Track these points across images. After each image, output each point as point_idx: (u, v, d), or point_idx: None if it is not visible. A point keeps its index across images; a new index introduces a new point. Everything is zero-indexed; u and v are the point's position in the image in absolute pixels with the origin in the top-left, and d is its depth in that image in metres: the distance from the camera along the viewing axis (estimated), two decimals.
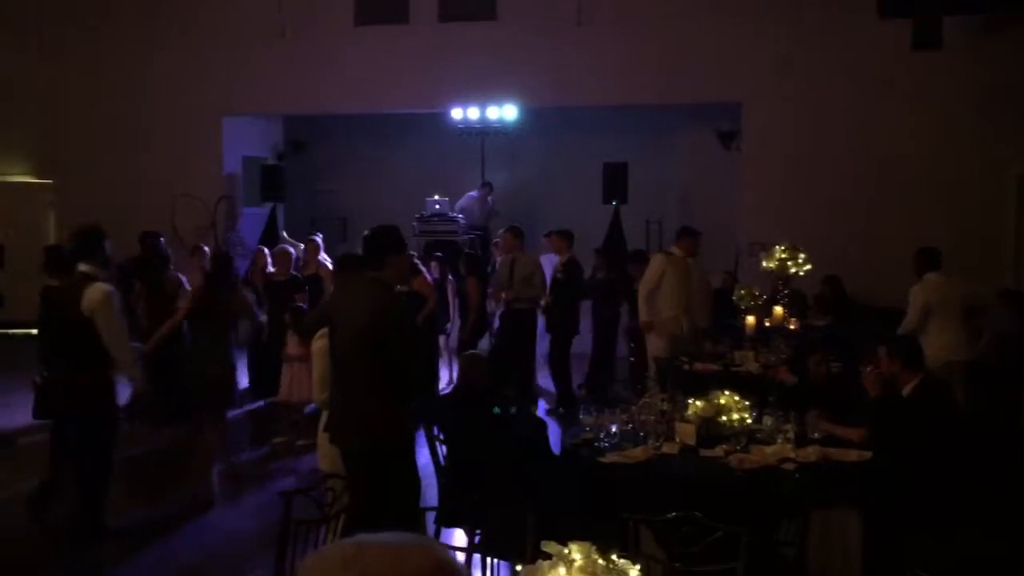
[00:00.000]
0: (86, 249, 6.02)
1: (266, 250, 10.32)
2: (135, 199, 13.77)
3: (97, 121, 14.62)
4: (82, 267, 5.93)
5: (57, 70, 14.64)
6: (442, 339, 10.49)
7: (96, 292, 5.79)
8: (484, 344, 10.66)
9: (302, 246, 10.52)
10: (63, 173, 14.80)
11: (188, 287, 8.36)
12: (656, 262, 8.70)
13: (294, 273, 9.64)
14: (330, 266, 9.68)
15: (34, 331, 6.67)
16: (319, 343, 4.93)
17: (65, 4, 14.60)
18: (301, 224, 13.98)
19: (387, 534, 1.26)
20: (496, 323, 10.43)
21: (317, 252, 10.08)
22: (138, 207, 13.27)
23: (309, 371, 6.07)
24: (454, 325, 10.68)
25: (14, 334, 13.10)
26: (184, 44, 14.27)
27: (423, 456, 5.07)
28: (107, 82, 14.53)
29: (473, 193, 14.49)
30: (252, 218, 14.88)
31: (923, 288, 7.76)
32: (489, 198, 14.60)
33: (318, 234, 11.05)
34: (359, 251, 5.09)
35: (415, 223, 13.85)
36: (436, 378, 9.44)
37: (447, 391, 9.49)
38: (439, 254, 11.05)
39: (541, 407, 9.73)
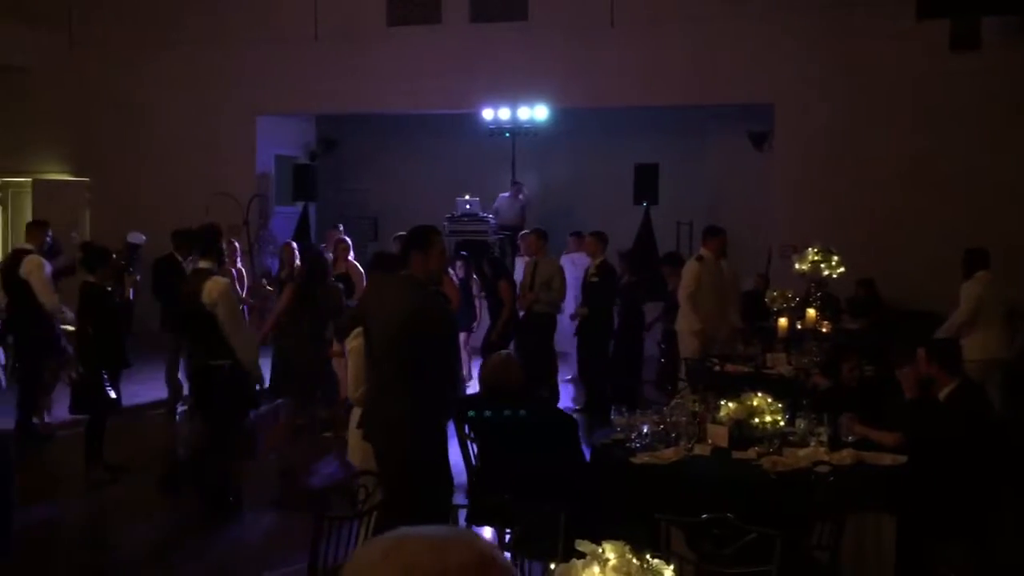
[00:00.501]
0: (205, 245, 6.51)
1: (295, 245, 10.43)
2: (169, 197, 13.93)
3: (132, 119, 14.79)
4: (201, 263, 6.44)
5: (92, 67, 14.83)
6: (462, 336, 10.50)
7: (217, 285, 6.22)
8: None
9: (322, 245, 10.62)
10: (98, 170, 14.99)
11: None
12: (691, 270, 8.69)
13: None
14: (359, 266, 9.74)
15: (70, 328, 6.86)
16: (355, 342, 4.95)
17: (97, 3, 14.80)
18: (332, 222, 14.05)
19: (430, 527, 1.26)
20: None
21: (347, 252, 10.11)
22: (172, 205, 13.42)
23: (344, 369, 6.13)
24: (480, 324, 10.69)
25: None
26: (219, 43, 14.41)
27: (453, 454, 5.08)
28: (141, 80, 14.69)
29: (505, 194, 14.53)
30: (284, 217, 15.00)
31: (977, 284, 7.97)
32: (520, 195, 14.58)
33: (339, 226, 11.18)
34: (391, 250, 5.12)
35: (445, 223, 13.88)
36: (460, 377, 9.48)
37: (473, 391, 9.51)
38: (464, 253, 11.07)
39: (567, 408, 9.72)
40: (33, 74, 14.94)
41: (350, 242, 10.41)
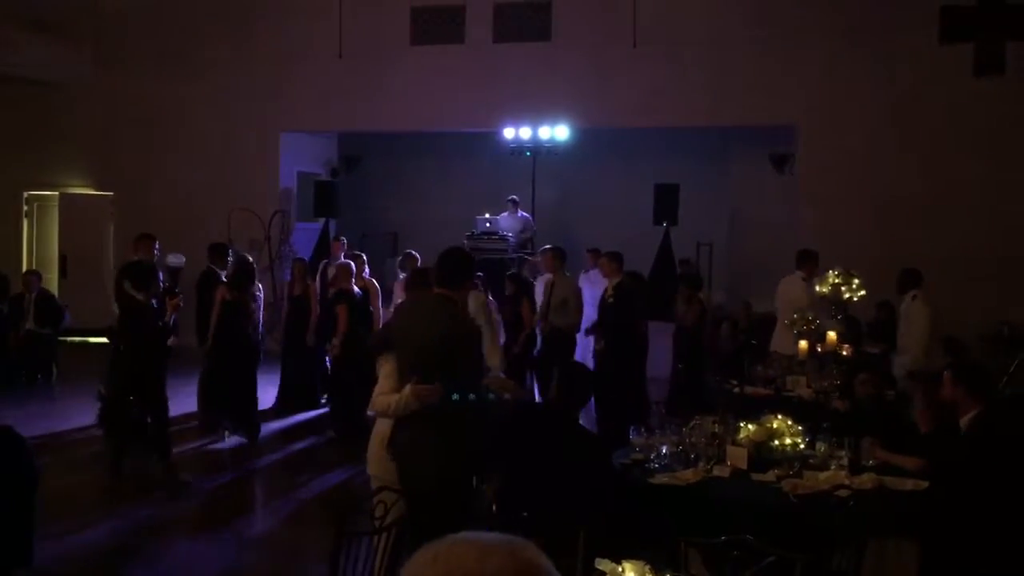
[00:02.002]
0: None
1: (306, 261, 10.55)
2: (192, 212, 14.06)
3: (155, 134, 14.97)
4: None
5: (117, 84, 15.03)
6: None
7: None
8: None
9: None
10: (122, 186, 15.16)
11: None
12: (798, 288, 8.68)
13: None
14: (375, 281, 9.77)
15: (101, 339, 6.94)
16: (388, 365, 4.90)
17: (125, 20, 15.00)
18: (352, 239, 14.12)
19: (487, 534, 1.29)
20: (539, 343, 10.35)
21: (363, 268, 10.08)
22: (195, 220, 13.55)
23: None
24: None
25: (74, 342, 13.42)
26: (244, 61, 14.58)
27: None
28: (166, 96, 14.87)
29: (504, 213, 14.42)
30: (305, 233, 15.10)
31: (923, 303, 8.40)
32: (521, 213, 14.48)
33: (343, 240, 11.28)
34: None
35: (465, 241, 13.91)
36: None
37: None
38: (480, 274, 11.07)
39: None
40: (60, 90, 15.17)
41: (364, 257, 10.37)
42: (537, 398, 9.23)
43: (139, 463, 7.53)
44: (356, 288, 9.22)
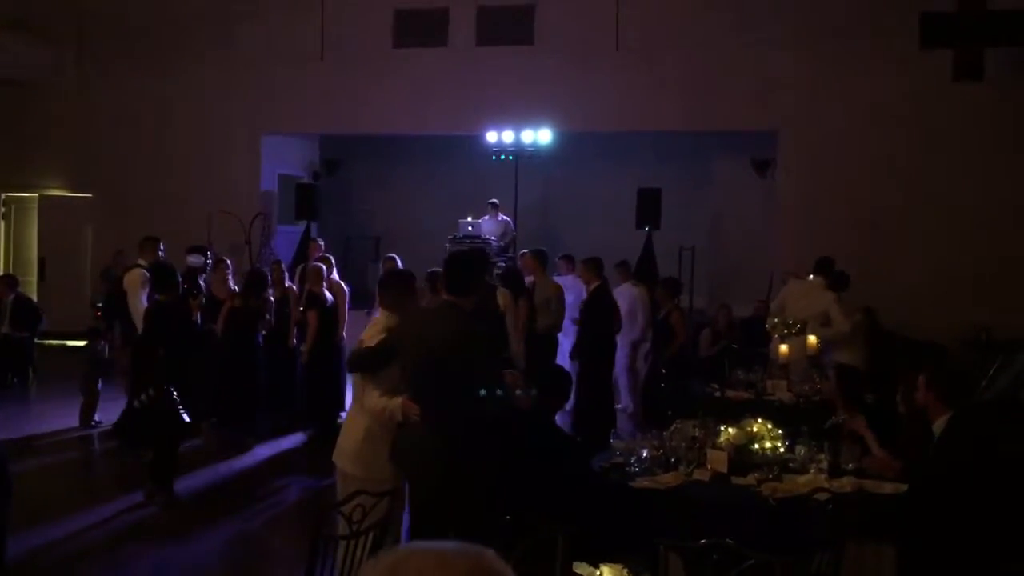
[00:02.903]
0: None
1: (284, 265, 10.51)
2: (172, 214, 13.95)
3: (136, 136, 14.87)
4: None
5: (98, 84, 14.92)
6: None
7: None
8: None
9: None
10: (101, 188, 15.03)
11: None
12: (825, 297, 8.75)
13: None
14: (343, 284, 9.71)
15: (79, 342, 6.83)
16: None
17: (105, 20, 14.89)
18: (335, 243, 14.06)
19: (439, 542, 1.25)
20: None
21: (331, 270, 9.98)
22: (175, 222, 13.43)
23: None
24: None
25: (52, 345, 13.28)
26: (225, 62, 14.50)
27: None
28: (147, 97, 14.77)
29: (485, 217, 14.40)
30: (286, 236, 15.02)
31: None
32: (501, 217, 14.45)
33: (320, 242, 11.21)
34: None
35: (448, 244, 13.88)
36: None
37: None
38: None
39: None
40: (39, 90, 15.05)
41: (332, 260, 10.28)
42: None
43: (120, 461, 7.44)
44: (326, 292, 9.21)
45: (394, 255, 9.86)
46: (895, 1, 12.07)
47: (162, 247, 9.07)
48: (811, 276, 9.11)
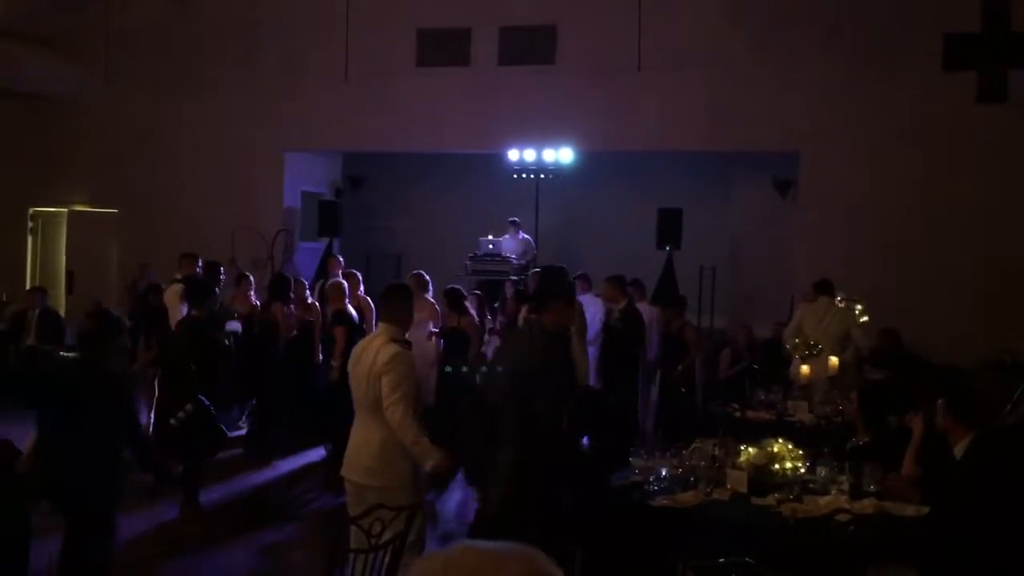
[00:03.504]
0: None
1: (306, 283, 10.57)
2: (196, 230, 14.07)
3: (161, 152, 15.03)
4: None
5: (124, 101, 15.09)
6: None
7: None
8: None
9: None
10: (127, 203, 15.20)
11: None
12: (844, 316, 9.05)
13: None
14: (369, 300, 9.72)
15: None
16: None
17: (132, 38, 15.09)
18: (356, 259, 14.14)
19: (492, 542, 1.27)
20: None
21: (358, 287, 10.02)
22: (199, 238, 13.55)
23: None
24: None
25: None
26: (249, 80, 14.66)
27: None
28: (173, 115, 14.94)
29: (506, 235, 14.46)
30: (308, 252, 15.12)
31: (806, 310, 9.19)
32: (520, 233, 14.49)
33: (339, 258, 11.42)
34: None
35: (468, 262, 13.94)
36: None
37: None
38: (477, 292, 11.09)
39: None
40: (66, 107, 15.26)
41: (359, 276, 10.32)
42: None
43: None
44: (351, 308, 9.21)
45: (421, 271, 9.87)
46: (919, 22, 12.04)
47: (200, 263, 9.19)
48: (819, 298, 9.22)
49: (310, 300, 10.00)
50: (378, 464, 4.72)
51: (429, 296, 9.57)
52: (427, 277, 9.69)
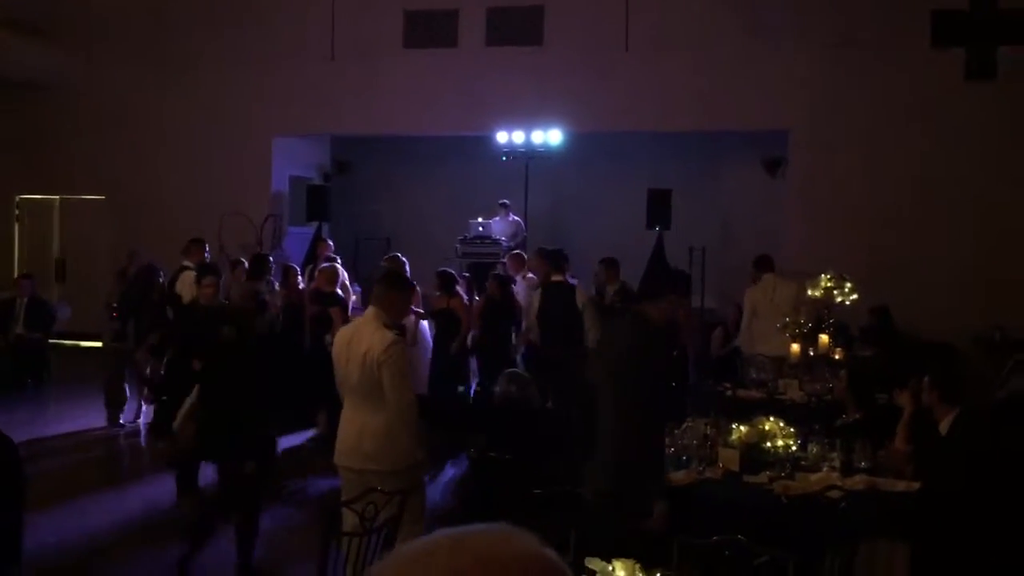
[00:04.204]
0: None
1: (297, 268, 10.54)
2: (184, 216, 14.01)
3: (147, 138, 14.93)
4: None
5: (110, 87, 14.98)
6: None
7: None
8: None
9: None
10: (114, 190, 15.11)
11: None
12: (793, 289, 9.06)
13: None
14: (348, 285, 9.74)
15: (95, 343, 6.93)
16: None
17: (116, 23, 14.96)
18: (346, 243, 14.10)
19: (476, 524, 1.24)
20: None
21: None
22: (187, 224, 13.48)
23: None
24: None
25: (67, 345, 13.35)
26: (236, 64, 14.55)
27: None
28: (159, 100, 14.84)
29: (496, 218, 14.43)
30: (297, 237, 15.07)
31: (756, 289, 9.18)
32: (512, 217, 14.48)
33: (330, 243, 11.40)
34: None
35: (458, 245, 13.91)
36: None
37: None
38: (466, 274, 11.09)
39: None
40: (52, 93, 15.13)
41: (339, 259, 10.35)
42: None
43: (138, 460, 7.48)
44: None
45: (397, 254, 9.90)
46: (907, 0, 12.03)
47: (208, 250, 9.19)
48: (763, 276, 9.34)
49: (301, 286, 10.00)
50: (380, 448, 4.71)
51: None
52: (403, 259, 9.70)
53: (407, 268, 9.62)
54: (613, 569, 2.54)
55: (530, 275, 10.21)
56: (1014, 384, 8.59)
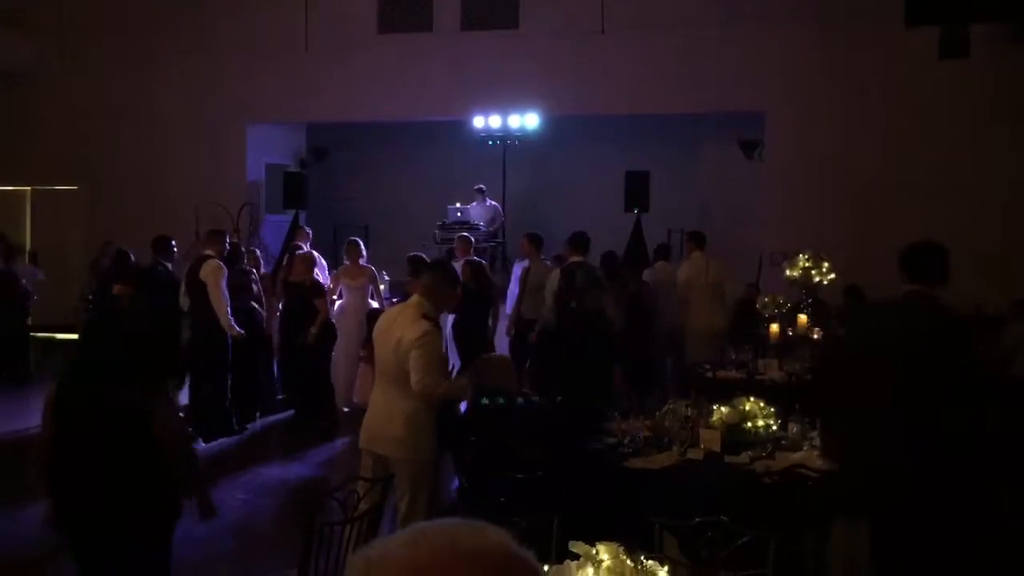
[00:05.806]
0: None
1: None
2: (159, 206, 13.89)
3: (121, 128, 14.76)
4: None
5: (83, 76, 14.80)
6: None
7: None
8: None
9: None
10: (88, 180, 14.94)
11: None
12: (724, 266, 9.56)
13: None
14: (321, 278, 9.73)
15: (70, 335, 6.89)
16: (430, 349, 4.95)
17: (87, 13, 14.76)
18: (323, 231, 14.01)
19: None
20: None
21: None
22: (162, 213, 13.37)
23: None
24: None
25: (41, 337, 13.20)
26: (210, 52, 14.40)
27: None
28: (132, 89, 14.68)
29: (474, 203, 14.41)
30: (274, 225, 14.97)
31: (686, 265, 9.75)
32: (489, 202, 14.45)
33: (308, 230, 11.46)
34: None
35: (436, 231, 13.88)
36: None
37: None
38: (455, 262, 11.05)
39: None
40: (24, 83, 14.93)
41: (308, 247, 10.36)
42: None
43: None
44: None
45: (356, 239, 9.95)
46: None
47: (228, 240, 9.18)
48: (694, 252, 9.87)
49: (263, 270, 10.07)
50: (407, 435, 4.76)
51: (363, 262, 9.74)
52: (361, 243, 9.81)
53: (363, 251, 9.70)
54: (597, 552, 2.54)
55: (545, 260, 10.21)
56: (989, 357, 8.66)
